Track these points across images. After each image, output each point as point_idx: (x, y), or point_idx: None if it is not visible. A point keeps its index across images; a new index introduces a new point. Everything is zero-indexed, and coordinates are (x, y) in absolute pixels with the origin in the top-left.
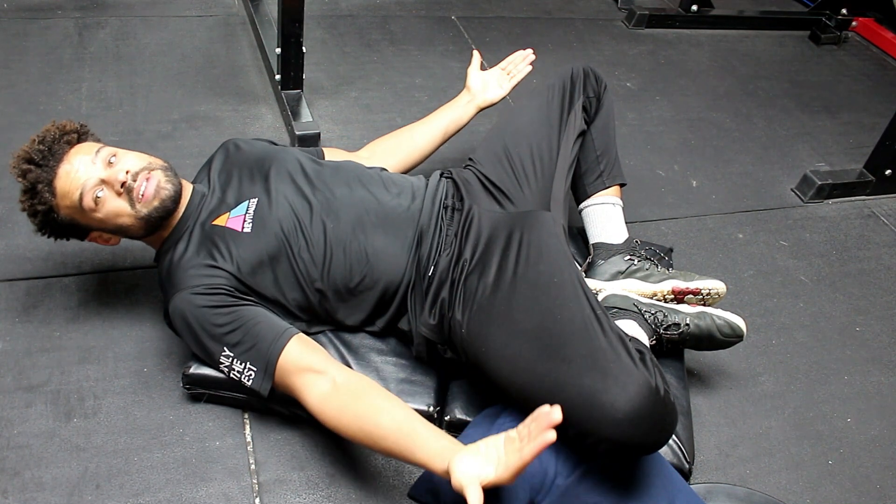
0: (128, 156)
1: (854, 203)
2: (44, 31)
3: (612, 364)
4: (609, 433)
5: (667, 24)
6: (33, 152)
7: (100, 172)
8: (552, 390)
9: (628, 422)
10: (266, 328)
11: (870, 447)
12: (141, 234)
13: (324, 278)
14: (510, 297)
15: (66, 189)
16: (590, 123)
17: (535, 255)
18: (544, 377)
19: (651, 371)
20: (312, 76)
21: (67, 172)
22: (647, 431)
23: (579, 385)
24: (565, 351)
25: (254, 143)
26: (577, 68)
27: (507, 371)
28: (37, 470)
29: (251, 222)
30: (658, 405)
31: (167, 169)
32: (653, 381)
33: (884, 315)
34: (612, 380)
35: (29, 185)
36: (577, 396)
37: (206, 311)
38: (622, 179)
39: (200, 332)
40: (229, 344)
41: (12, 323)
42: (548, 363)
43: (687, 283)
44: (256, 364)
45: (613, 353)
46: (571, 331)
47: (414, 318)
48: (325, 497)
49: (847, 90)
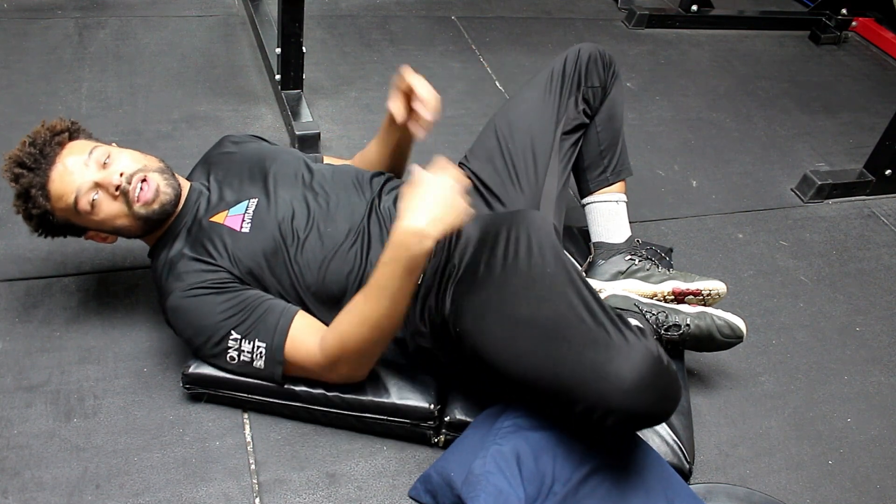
0: (122, 156)
1: (854, 203)
2: (44, 31)
3: (614, 337)
4: (616, 404)
5: (667, 24)
6: (24, 156)
7: (94, 175)
8: (555, 369)
9: (635, 390)
10: (270, 305)
11: (870, 447)
12: (139, 233)
13: (319, 282)
14: (502, 289)
15: (60, 192)
16: (593, 116)
17: (525, 249)
18: (545, 358)
19: (652, 341)
20: (312, 76)
21: (61, 175)
22: (653, 400)
23: (582, 360)
24: (565, 331)
25: (251, 140)
26: (584, 53)
27: (506, 358)
28: (37, 470)
29: (250, 222)
30: (663, 373)
31: (164, 170)
32: (655, 350)
33: (884, 315)
34: (616, 350)
35: (22, 190)
36: (582, 371)
37: (206, 305)
38: (628, 173)
39: (202, 326)
40: (235, 326)
41: (12, 323)
42: (548, 344)
43: (687, 285)
44: (265, 340)
45: (614, 327)
46: (569, 312)
47: (407, 326)
48: (325, 497)
49: (847, 90)
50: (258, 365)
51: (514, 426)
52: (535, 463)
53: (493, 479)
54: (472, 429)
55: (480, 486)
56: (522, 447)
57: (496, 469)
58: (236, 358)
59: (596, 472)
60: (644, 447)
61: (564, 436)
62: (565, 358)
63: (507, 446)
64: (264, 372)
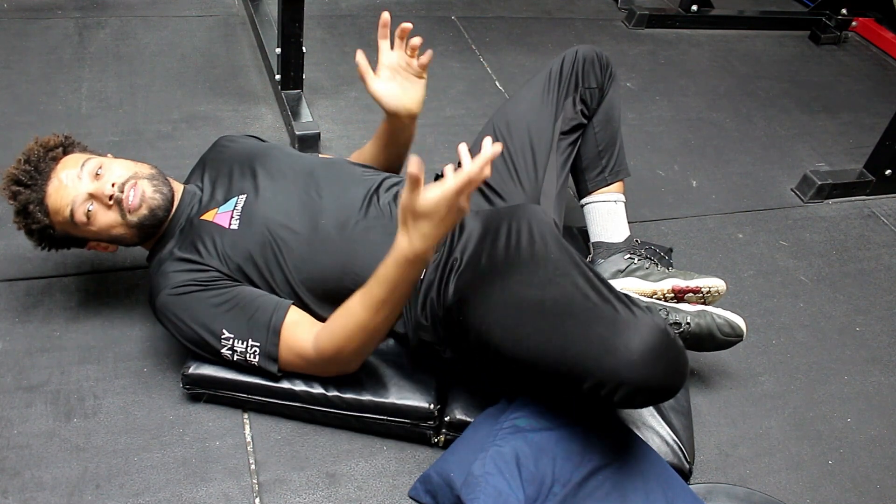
0: (113, 165)
1: (854, 203)
2: (44, 31)
3: (622, 311)
4: (625, 377)
5: (667, 24)
6: (20, 173)
7: (87, 186)
8: (562, 347)
9: (643, 362)
10: (262, 302)
11: (870, 447)
12: (136, 241)
13: (312, 278)
14: (506, 275)
15: (56, 206)
16: (590, 117)
17: (527, 238)
18: (552, 336)
19: (659, 316)
20: (312, 76)
21: (56, 189)
22: (662, 372)
23: (589, 335)
24: (570, 308)
25: (244, 139)
26: (581, 54)
27: (512, 340)
28: (37, 470)
29: (238, 219)
30: (671, 345)
31: (154, 177)
32: (662, 324)
33: (884, 315)
34: (623, 324)
35: (21, 207)
36: (589, 346)
37: (195, 302)
38: (626, 174)
39: (193, 324)
40: (226, 325)
41: (12, 323)
42: (554, 322)
43: (687, 282)
44: (259, 340)
45: (621, 303)
46: (575, 291)
47: (408, 320)
48: (325, 497)
49: (847, 90)
50: (253, 362)
51: (514, 427)
52: (535, 464)
53: (493, 481)
54: (471, 429)
55: (480, 488)
56: (522, 448)
57: (496, 470)
58: (230, 356)
59: (596, 473)
60: (644, 448)
61: (564, 437)
62: (573, 334)
63: (506, 447)
64: (259, 369)
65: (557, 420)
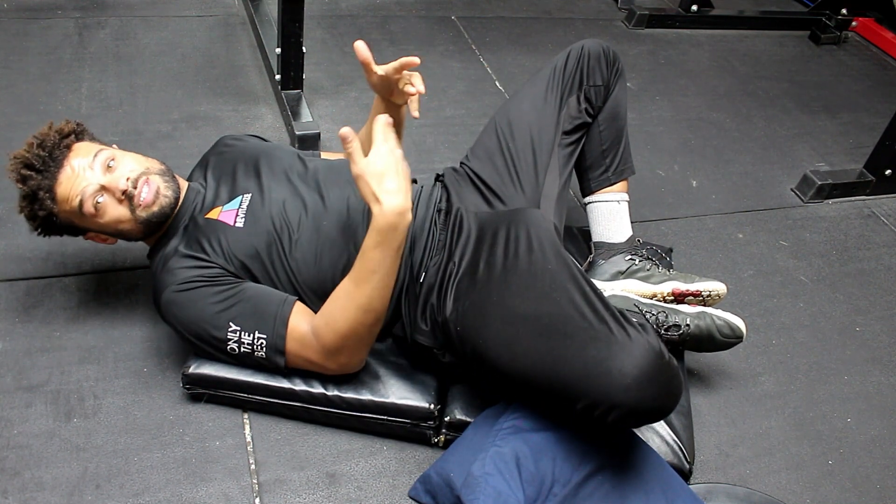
0: (125, 159)
1: (854, 203)
2: (44, 31)
3: (616, 333)
4: (619, 399)
5: (667, 24)
6: (33, 157)
7: (99, 178)
8: (556, 366)
9: (637, 385)
10: (268, 297)
11: (870, 447)
12: (140, 236)
13: (314, 278)
14: (503, 286)
15: (66, 195)
16: (595, 115)
17: (525, 246)
18: (547, 355)
19: (654, 337)
20: (312, 76)
21: (68, 178)
22: (655, 395)
23: (584, 356)
24: (566, 328)
25: (247, 139)
26: (587, 50)
27: (507, 357)
28: (37, 470)
29: (244, 217)
30: (664, 368)
31: (165, 172)
32: (657, 345)
33: (884, 315)
34: (618, 346)
35: (30, 192)
36: (583, 367)
37: (201, 297)
38: (630, 172)
39: (199, 319)
40: (233, 318)
41: (12, 323)
42: (549, 341)
43: (687, 286)
44: (265, 332)
45: (616, 323)
46: (571, 308)
47: (408, 323)
48: (325, 497)
49: (847, 90)
50: (259, 355)
51: (514, 427)
52: (535, 464)
53: (493, 481)
54: (471, 429)
55: (479, 489)
56: (522, 449)
57: (495, 471)
58: (237, 349)
59: (596, 474)
60: (644, 448)
61: (564, 437)
62: (567, 355)
63: (506, 448)
64: (266, 362)
65: (557, 421)
